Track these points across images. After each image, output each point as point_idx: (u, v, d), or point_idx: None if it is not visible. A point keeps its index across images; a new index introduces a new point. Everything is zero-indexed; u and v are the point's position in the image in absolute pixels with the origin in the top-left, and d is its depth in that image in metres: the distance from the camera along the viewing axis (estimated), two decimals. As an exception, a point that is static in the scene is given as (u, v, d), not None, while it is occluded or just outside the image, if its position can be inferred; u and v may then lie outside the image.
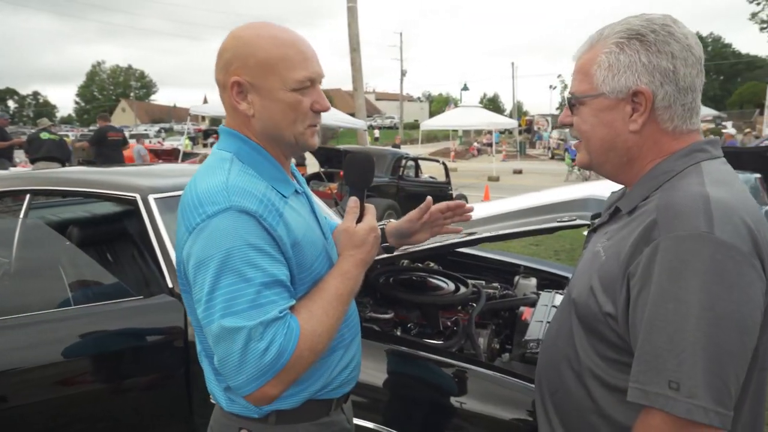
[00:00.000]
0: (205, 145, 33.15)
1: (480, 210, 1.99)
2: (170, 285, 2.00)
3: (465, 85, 37.97)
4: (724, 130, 21.10)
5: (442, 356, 1.77)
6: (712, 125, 31.58)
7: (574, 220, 1.61)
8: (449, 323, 2.15)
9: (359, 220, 1.11)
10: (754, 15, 34.38)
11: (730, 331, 0.77)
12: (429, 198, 1.39)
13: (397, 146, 21.14)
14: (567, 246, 7.11)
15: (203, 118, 48.66)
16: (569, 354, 0.96)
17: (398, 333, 2.04)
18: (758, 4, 33.72)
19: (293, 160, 1.24)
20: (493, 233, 1.58)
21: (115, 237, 2.49)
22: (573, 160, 17.77)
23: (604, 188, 1.93)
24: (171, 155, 15.28)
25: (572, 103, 0.99)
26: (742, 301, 0.77)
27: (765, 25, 34.17)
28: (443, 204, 1.38)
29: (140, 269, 2.31)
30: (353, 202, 1.11)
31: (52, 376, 1.84)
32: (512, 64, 44.21)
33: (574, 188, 2.12)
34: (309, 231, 1.08)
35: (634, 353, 0.83)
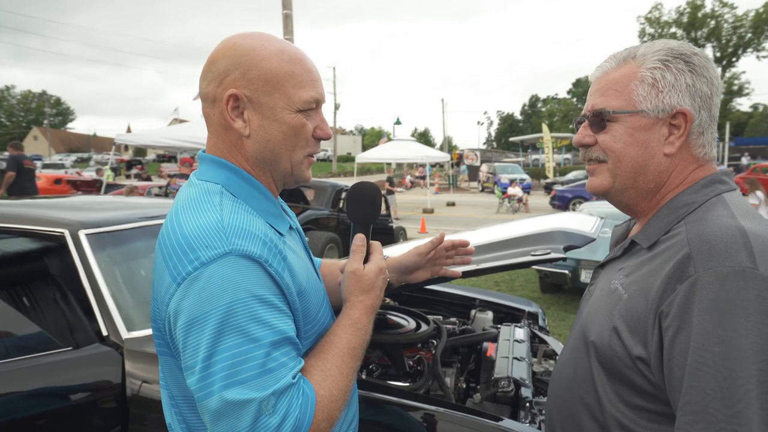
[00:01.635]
0: (128, 176, 31.44)
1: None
2: (104, 332, 1.77)
3: (398, 119, 38.74)
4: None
5: (413, 400, 1.66)
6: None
7: (548, 253, 1.58)
8: (412, 362, 2.06)
9: (365, 259, 0.98)
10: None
11: None
12: (442, 232, 1.29)
13: (391, 179, 20.45)
14: (506, 277, 7.26)
15: (126, 147, 46.40)
16: (590, 402, 0.88)
17: (363, 376, 1.90)
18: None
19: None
20: (471, 268, 1.53)
21: (37, 279, 2.19)
22: (503, 192, 18.51)
23: (568, 221, 1.94)
24: (92, 186, 14.28)
25: (600, 120, 0.92)
26: None
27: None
28: (448, 241, 1.27)
29: (68, 316, 2.03)
30: (360, 240, 0.99)
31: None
32: (442, 100, 46.01)
33: (537, 221, 2.12)
34: (310, 275, 0.95)
35: (677, 401, 0.76)
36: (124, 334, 1.76)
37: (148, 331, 1.83)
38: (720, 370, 0.72)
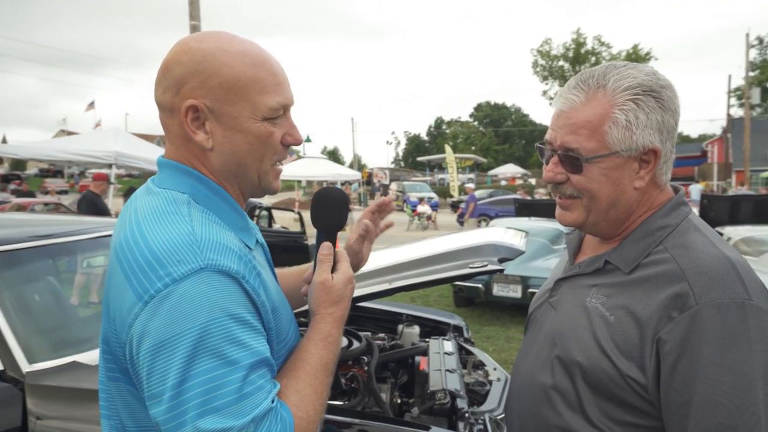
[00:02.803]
0: (2, 190, 28.07)
1: (386, 259, 1.93)
2: (0, 367, 1.55)
3: (308, 137, 38.51)
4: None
5: (355, 418, 1.63)
6: (521, 180, 37.06)
7: (486, 265, 1.63)
8: (345, 380, 2.02)
9: (332, 269, 0.93)
10: (544, 92, 43.02)
11: None
12: (366, 222, 1.15)
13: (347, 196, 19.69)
14: (420, 292, 7.40)
15: (1, 161, 41.51)
16: (572, 418, 0.89)
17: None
18: (546, 84, 42.25)
19: None
20: (416, 281, 1.53)
21: None
22: (413, 210, 19.01)
23: (497, 235, 2.03)
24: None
25: (575, 160, 0.91)
26: None
27: (551, 101, 42.56)
28: (367, 211, 1.16)
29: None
30: (327, 249, 0.93)
31: None
32: (352, 119, 46.52)
33: (466, 236, 2.20)
34: (279, 292, 0.90)
35: (675, 425, 0.80)
36: (25, 367, 1.55)
37: (54, 362, 1.63)
38: (731, 399, 0.76)
